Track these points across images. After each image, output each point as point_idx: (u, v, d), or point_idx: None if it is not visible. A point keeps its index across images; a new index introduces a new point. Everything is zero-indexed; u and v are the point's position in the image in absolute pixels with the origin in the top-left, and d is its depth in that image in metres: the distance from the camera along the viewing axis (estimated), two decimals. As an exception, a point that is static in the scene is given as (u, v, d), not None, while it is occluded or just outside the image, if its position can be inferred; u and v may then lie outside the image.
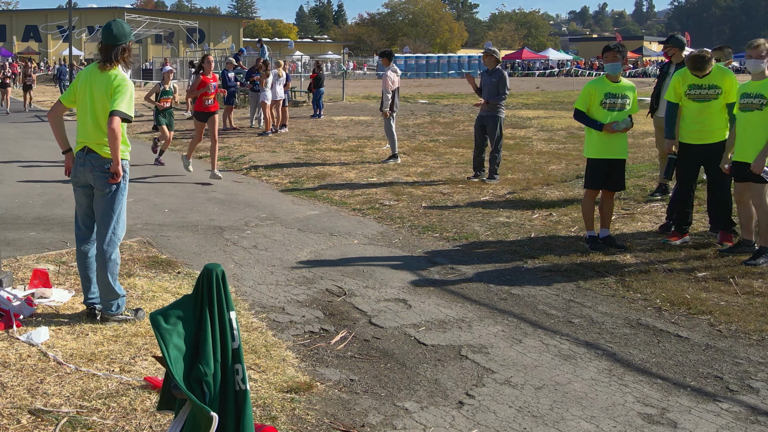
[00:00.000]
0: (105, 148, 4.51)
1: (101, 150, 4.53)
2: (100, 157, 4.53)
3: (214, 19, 71.77)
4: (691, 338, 4.51)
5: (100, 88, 4.52)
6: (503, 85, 9.67)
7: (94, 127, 4.54)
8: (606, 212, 6.56)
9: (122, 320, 4.64)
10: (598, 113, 6.36)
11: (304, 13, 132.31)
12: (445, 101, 26.75)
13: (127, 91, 4.51)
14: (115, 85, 4.48)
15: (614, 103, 6.33)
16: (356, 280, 5.67)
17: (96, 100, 4.53)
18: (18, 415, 3.41)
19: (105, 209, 4.58)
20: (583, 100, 6.43)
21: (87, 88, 4.58)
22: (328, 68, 56.48)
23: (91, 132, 4.55)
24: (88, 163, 4.54)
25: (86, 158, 4.55)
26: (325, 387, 3.83)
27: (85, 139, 4.58)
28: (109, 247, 4.60)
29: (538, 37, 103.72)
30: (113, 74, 4.55)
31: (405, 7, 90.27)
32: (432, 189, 9.39)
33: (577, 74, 53.76)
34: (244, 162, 11.99)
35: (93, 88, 4.55)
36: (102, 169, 4.52)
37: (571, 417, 3.53)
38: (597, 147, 6.40)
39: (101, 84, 4.52)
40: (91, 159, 4.54)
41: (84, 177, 4.59)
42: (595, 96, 6.37)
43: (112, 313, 4.63)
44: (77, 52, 42.03)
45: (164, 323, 2.44)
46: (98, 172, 4.53)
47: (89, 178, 4.57)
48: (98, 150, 4.54)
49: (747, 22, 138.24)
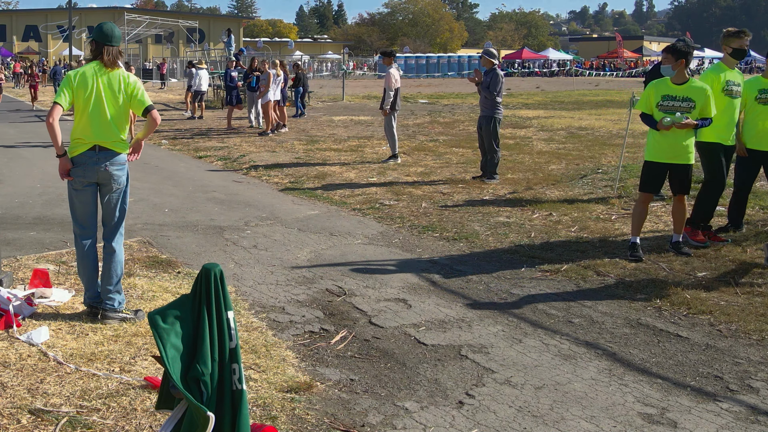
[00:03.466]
0: (119, 144, 4.64)
1: (115, 146, 4.63)
2: (114, 152, 4.63)
3: (214, 19, 71.78)
4: (691, 338, 4.51)
5: (116, 87, 4.61)
6: (494, 84, 9.66)
7: (109, 127, 4.60)
8: (677, 217, 6.26)
9: (122, 318, 4.65)
10: (656, 116, 6.07)
11: (304, 13, 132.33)
12: (445, 101, 26.75)
13: (142, 87, 4.76)
14: (132, 83, 4.66)
15: (673, 106, 5.98)
16: (356, 280, 5.66)
17: (111, 100, 4.60)
18: (18, 415, 3.41)
19: (118, 206, 4.75)
20: (644, 102, 6.18)
21: (98, 89, 4.58)
22: (328, 68, 56.54)
23: (107, 131, 4.61)
24: (102, 161, 4.61)
25: (99, 156, 4.60)
26: (325, 387, 3.83)
27: (98, 139, 4.60)
28: (117, 244, 4.76)
29: (538, 36, 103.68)
30: (124, 73, 4.69)
31: (405, 6, 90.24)
32: (432, 189, 9.39)
33: (576, 74, 53.76)
34: (244, 162, 11.98)
35: (107, 89, 4.60)
36: (119, 164, 4.66)
37: (571, 417, 3.53)
38: (652, 149, 6.16)
39: (115, 83, 4.61)
40: (104, 156, 4.61)
41: (95, 176, 4.63)
42: (653, 97, 6.11)
43: (114, 309, 4.65)
44: (77, 52, 42.01)
45: (162, 323, 2.44)
46: (115, 169, 4.65)
47: (102, 177, 4.63)
48: (113, 147, 4.63)
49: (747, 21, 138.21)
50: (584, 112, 21.61)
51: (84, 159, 4.62)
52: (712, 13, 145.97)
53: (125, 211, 4.83)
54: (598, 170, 10.63)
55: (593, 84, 41.63)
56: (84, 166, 4.62)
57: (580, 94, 30.78)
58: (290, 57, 41.04)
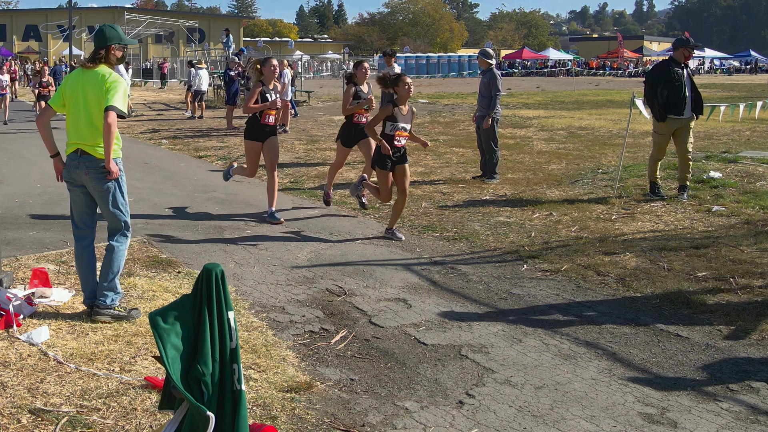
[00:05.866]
0: (98, 149, 4.49)
1: (95, 151, 4.50)
2: (95, 158, 4.51)
3: (214, 18, 71.74)
4: (691, 338, 4.51)
5: (93, 87, 4.48)
6: (494, 85, 9.66)
7: (89, 128, 4.50)
8: None
9: (114, 315, 4.60)
10: None
11: (305, 13, 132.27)
12: (445, 101, 26.74)
13: (120, 87, 4.49)
14: (109, 82, 4.45)
15: None
16: (356, 280, 5.67)
17: (90, 101, 4.49)
18: (18, 415, 3.41)
19: (111, 209, 4.62)
20: None
21: (79, 90, 4.54)
22: (328, 68, 56.50)
23: (85, 133, 4.52)
24: (83, 166, 4.53)
25: (80, 160, 4.53)
26: (325, 386, 3.83)
27: (78, 141, 4.54)
28: (117, 242, 4.69)
29: (538, 36, 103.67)
30: (104, 72, 4.52)
31: (405, 6, 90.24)
32: (432, 189, 9.39)
33: (576, 74, 53.75)
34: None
35: (86, 89, 4.51)
36: (97, 169, 4.51)
37: (571, 417, 3.53)
38: None
39: (93, 83, 4.49)
40: (85, 161, 4.52)
41: (79, 178, 4.57)
42: None
43: (106, 305, 4.60)
44: (77, 52, 41.99)
45: (162, 323, 2.44)
46: (93, 174, 4.52)
47: (84, 180, 4.56)
48: (92, 151, 4.51)
49: (747, 21, 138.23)
50: (584, 111, 21.61)
51: (68, 161, 4.60)
52: (712, 13, 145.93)
53: (121, 212, 4.65)
54: (598, 170, 10.63)
55: (593, 84, 41.62)
56: (68, 168, 4.60)
57: (581, 94, 30.77)
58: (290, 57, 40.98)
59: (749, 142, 13.89)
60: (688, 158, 8.38)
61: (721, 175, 9.53)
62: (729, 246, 6.43)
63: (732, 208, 7.87)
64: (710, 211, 7.76)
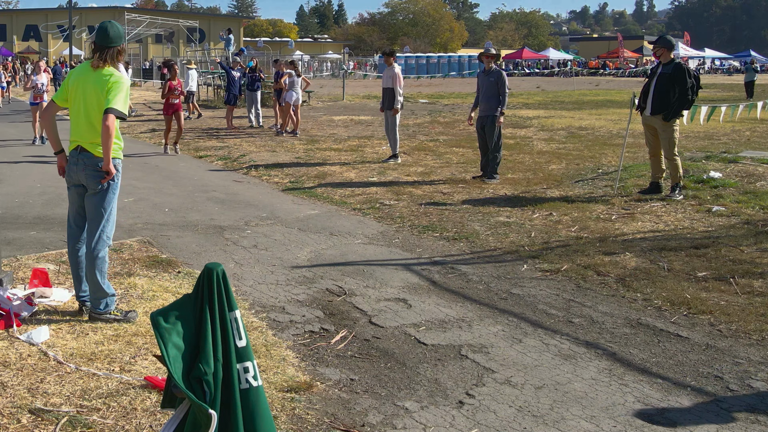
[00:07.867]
0: (98, 148, 4.47)
1: (94, 149, 4.49)
2: (93, 157, 4.50)
3: (215, 18, 71.74)
4: (691, 338, 4.51)
5: (94, 86, 4.46)
6: (503, 85, 9.68)
7: (87, 127, 4.49)
8: None
9: (110, 320, 4.59)
10: None
11: (305, 13, 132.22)
12: (446, 101, 26.74)
13: (122, 88, 4.47)
14: (111, 83, 4.43)
15: None
16: (356, 280, 5.67)
17: (89, 99, 4.48)
18: (18, 415, 3.42)
19: (96, 208, 4.56)
20: None
21: (80, 87, 4.53)
22: (329, 68, 56.49)
23: (84, 131, 4.51)
24: (81, 163, 4.52)
25: (79, 157, 4.52)
26: (325, 386, 3.83)
27: (78, 139, 4.54)
28: (97, 245, 4.56)
29: (538, 36, 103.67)
30: (108, 72, 4.50)
31: (405, 6, 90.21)
32: (432, 189, 9.39)
33: (576, 74, 53.73)
34: (244, 161, 11.99)
35: (86, 87, 4.50)
36: (95, 168, 4.50)
37: (571, 417, 3.53)
38: None
39: (95, 82, 4.47)
40: (84, 158, 4.51)
41: (77, 176, 4.56)
42: None
43: (100, 312, 4.59)
44: (77, 52, 42.01)
45: (164, 322, 2.44)
46: (90, 171, 4.50)
47: (81, 178, 4.55)
48: (91, 149, 4.50)
49: (747, 21, 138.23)
50: (584, 111, 21.61)
51: (69, 158, 4.60)
52: (712, 13, 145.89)
53: (104, 217, 4.56)
54: (598, 170, 10.63)
55: (593, 84, 41.62)
56: (68, 165, 4.60)
57: (581, 94, 30.77)
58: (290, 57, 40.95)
59: (749, 142, 13.90)
60: (663, 158, 8.61)
61: (721, 175, 9.54)
62: (729, 246, 6.43)
63: (732, 208, 7.87)
64: (710, 211, 7.76)
